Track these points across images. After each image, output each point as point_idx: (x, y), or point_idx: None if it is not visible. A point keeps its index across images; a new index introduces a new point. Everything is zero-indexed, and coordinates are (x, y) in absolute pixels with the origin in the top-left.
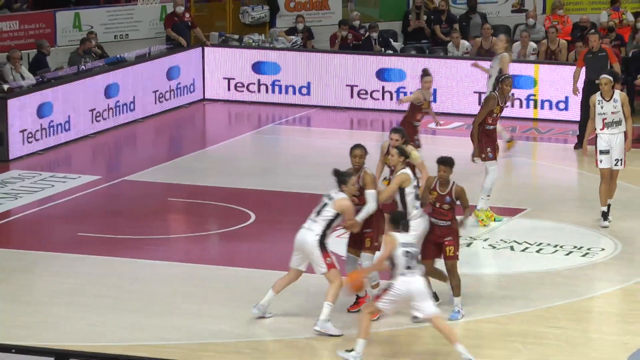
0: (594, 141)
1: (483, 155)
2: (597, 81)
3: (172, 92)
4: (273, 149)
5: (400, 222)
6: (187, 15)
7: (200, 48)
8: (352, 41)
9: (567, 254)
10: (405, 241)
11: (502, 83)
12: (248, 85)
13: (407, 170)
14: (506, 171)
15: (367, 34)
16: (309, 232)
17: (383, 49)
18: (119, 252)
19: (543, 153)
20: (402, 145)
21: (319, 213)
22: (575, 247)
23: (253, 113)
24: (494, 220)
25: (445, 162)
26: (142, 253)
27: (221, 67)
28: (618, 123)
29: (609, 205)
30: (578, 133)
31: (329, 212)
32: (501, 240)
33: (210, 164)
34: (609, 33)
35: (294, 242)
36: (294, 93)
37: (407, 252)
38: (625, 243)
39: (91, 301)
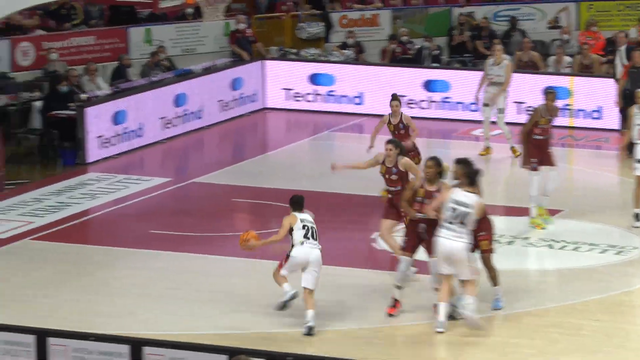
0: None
1: (527, 166)
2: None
3: (235, 102)
4: (328, 154)
5: (298, 203)
6: (249, 31)
7: (261, 61)
8: (400, 54)
9: (602, 252)
10: (303, 218)
11: (546, 96)
12: (305, 95)
13: (447, 180)
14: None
15: (421, 45)
16: (459, 242)
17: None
18: (187, 248)
19: (578, 158)
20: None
21: (462, 223)
22: (609, 245)
23: (310, 121)
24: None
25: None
26: (209, 249)
27: (280, 79)
28: None
29: None
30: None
31: (472, 218)
32: (540, 239)
33: (270, 167)
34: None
35: (442, 252)
36: (348, 102)
37: (304, 226)
38: None
39: (164, 293)
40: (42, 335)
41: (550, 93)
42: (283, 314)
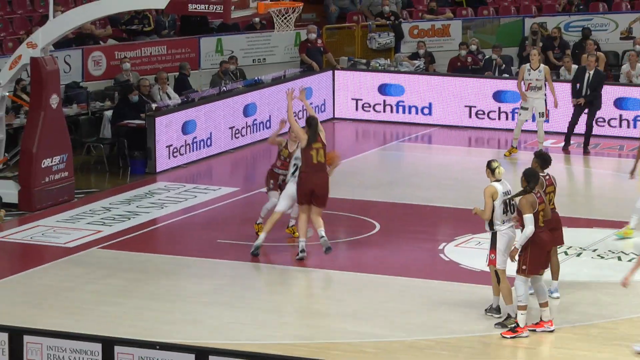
0: None
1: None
2: None
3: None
4: (397, 164)
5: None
6: (319, 41)
7: (331, 71)
8: (472, 64)
9: None
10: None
11: None
12: (374, 105)
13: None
14: (613, 187)
15: (490, 56)
16: (516, 229)
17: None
18: (254, 258)
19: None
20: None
21: (514, 210)
22: None
23: (379, 131)
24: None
25: None
26: (275, 258)
27: (350, 89)
28: None
29: None
30: None
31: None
32: (609, 251)
33: (339, 177)
34: None
35: (507, 243)
36: (417, 113)
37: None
38: None
39: (230, 301)
40: (108, 344)
41: None
42: (350, 321)
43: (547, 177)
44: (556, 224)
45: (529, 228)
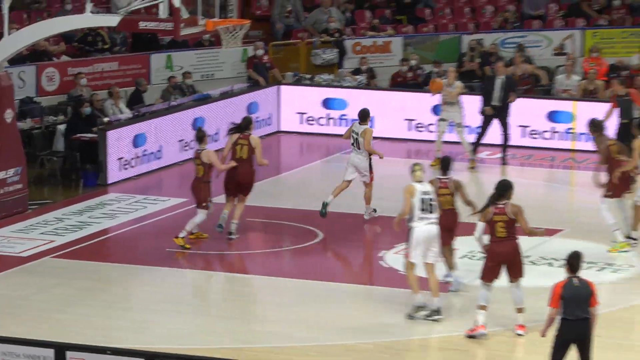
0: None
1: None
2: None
3: None
4: (340, 175)
5: None
6: (265, 57)
7: (276, 86)
8: (412, 79)
9: (600, 270)
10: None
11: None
12: (318, 118)
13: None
14: (546, 196)
15: (430, 71)
16: (435, 226)
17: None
18: (202, 266)
19: (579, 180)
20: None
21: (432, 210)
22: (607, 264)
23: (322, 143)
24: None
25: None
26: (224, 267)
27: (295, 103)
28: None
29: None
30: None
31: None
32: (541, 257)
33: (284, 188)
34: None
35: (420, 238)
36: None
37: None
38: None
39: (178, 308)
40: (61, 349)
41: None
42: (295, 326)
43: (447, 180)
44: (450, 224)
45: (474, 234)
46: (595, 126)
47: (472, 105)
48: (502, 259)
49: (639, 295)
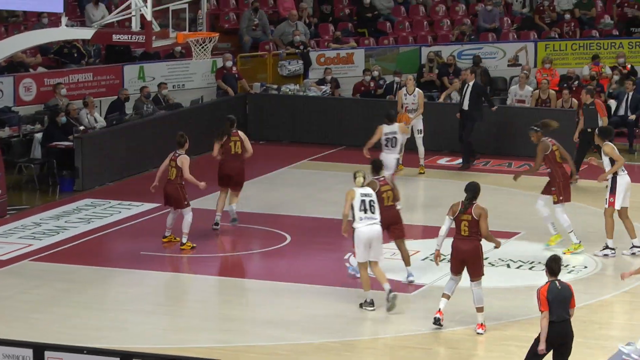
0: None
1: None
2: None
3: None
4: (306, 181)
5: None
6: (234, 68)
7: (245, 96)
8: (374, 89)
9: None
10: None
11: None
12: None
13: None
14: (504, 200)
15: (392, 80)
16: (377, 224)
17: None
18: (176, 268)
19: (535, 185)
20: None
21: (374, 210)
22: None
23: (289, 150)
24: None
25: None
26: (196, 268)
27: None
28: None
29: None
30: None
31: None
32: (499, 259)
33: (253, 193)
34: (592, 82)
35: (366, 238)
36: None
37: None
38: (604, 262)
39: (153, 309)
40: (39, 349)
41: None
42: (265, 326)
43: (382, 178)
44: (394, 219)
45: (441, 228)
46: (544, 126)
47: (433, 114)
48: (463, 256)
49: (592, 295)
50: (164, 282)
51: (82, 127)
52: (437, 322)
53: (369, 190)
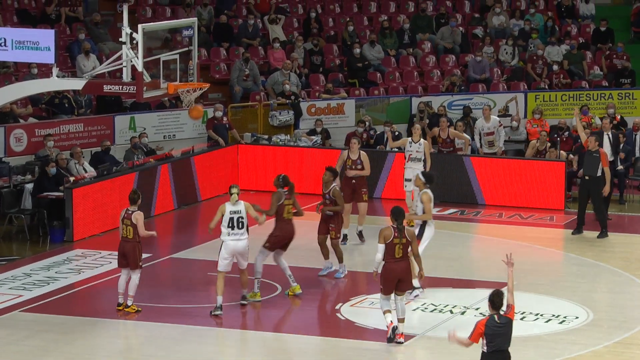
0: None
1: None
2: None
3: None
4: (297, 231)
5: None
6: (225, 118)
7: (236, 146)
8: (365, 140)
9: (547, 321)
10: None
11: None
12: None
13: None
14: (496, 250)
15: (382, 130)
16: (245, 240)
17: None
18: (165, 319)
19: (527, 235)
20: None
21: (241, 227)
22: (553, 315)
23: None
24: None
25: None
26: (187, 320)
27: (253, 162)
28: None
29: None
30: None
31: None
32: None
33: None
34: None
35: (231, 250)
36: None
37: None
38: (595, 312)
39: (144, 359)
40: None
41: None
42: None
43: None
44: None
45: (377, 255)
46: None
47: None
48: (399, 276)
49: (583, 345)
50: (155, 333)
51: (72, 178)
52: (396, 329)
53: (240, 206)
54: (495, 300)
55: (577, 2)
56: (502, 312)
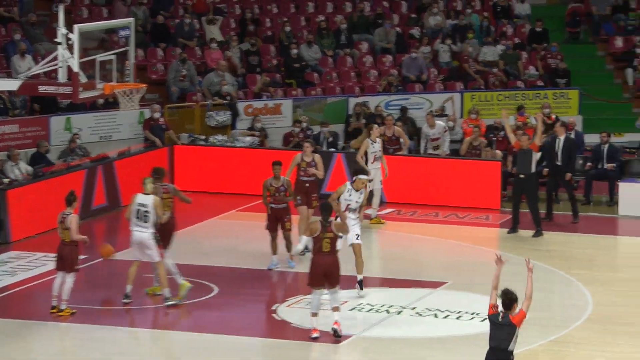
0: None
1: None
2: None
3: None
4: (234, 232)
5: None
6: (161, 119)
7: (172, 146)
8: (302, 140)
9: (482, 320)
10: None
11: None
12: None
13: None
14: (432, 249)
15: (319, 131)
16: (148, 233)
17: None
18: (102, 321)
19: (462, 235)
20: None
21: (146, 220)
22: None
23: (217, 201)
24: None
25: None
26: (123, 321)
27: (189, 163)
28: None
29: None
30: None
31: (152, 215)
32: (426, 308)
33: (179, 245)
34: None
35: (134, 242)
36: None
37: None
38: (530, 310)
39: None
40: None
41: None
42: None
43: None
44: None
45: (296, 247)
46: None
47: None
48: (326, 269)
49: (520, 344)
50: (90, 335)
51: (6, 179)
52: (317, 339)
53: (148, 200)
54: (504, 300)
55: (513, 2)
56: (510, 314)
